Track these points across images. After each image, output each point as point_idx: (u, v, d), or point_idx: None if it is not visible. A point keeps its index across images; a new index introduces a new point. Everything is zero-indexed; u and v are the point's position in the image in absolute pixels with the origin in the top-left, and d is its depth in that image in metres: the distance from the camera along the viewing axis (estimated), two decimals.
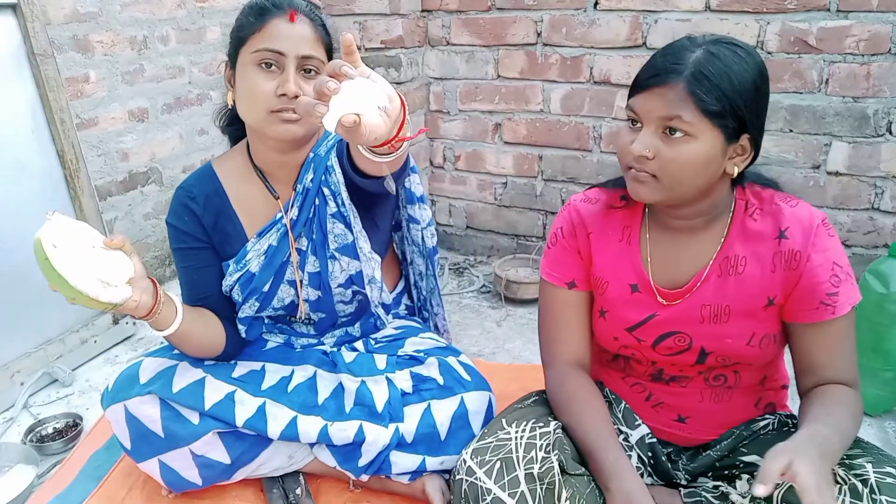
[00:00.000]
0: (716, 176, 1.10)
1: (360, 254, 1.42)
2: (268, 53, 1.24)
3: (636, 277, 1.22)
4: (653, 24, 2.39)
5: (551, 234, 1.31)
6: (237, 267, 1.43)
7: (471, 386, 1.46)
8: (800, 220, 1.13)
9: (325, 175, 1.38)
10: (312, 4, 1.34)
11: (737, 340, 1.17)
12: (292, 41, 1.24)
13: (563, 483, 1.07)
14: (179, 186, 1.44)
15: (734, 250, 1.16)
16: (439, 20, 2.73)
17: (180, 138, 2.88)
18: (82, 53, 2.42)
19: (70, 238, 1.13)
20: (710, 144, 1.05)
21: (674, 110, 1.03)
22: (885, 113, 2.19)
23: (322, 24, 1.30)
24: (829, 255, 1.12)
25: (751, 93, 1.04)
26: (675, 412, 1.28)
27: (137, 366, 1.44)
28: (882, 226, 2.31)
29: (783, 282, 1.14)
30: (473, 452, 1.13)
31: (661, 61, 1.07)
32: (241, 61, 1.28)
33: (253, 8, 1.28)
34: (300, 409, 1.43)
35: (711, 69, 1.02)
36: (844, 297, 1.11)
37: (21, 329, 2.06)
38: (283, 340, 1.59)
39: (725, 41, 1.06)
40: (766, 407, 1.28)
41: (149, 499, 1.52)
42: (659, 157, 1.07)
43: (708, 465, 1.24)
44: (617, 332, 1.25)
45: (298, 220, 1.41)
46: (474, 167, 2.91)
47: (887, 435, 1.74)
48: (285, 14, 1.25)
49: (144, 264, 1.29)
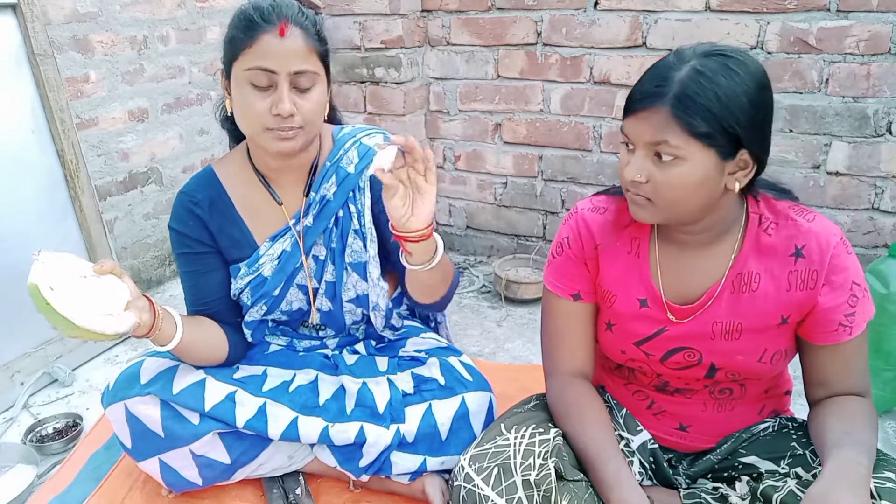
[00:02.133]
0: (716, 193, 1.05)
1: (370, 278, 1.44)
2: (259, 73, 1.21)
3: (645, 292, 1.19)
4: (653, 24, 2.39)
5: (556, 242, 1.27)
6: (249, 270, 1.42)
7: (472, 386, 1.46)
8: (817, 238, 1.08)
9: (354, 193, 1.40)
10: (308, 6, 1.32)
11: (748, 357, 1.14)
12: (284, 58, 1.21)
13: (559, 490, 1.07)
14: (181, 191, 1.43)
15: (748, 266, 1.13)
16: (439, 20, 2.73)
17: (180, 138, 2.88)
18: (82, 53, 2.42)
19: (62, 275, 1.13)
20: (702, 165, 1.01)
21: (660, 135, 1.00)
22: (885, 113, 2.19)
23: (315, 31, 1.27)
24: (849, 276, 1.08)
25: (744, 107, 0.99)
26: (677, 421, 1.27)
27: (139, 365, 1.44)
28: (882, 226, 2.31)
29: (799, 302, 1.10)
30: (472, 459, 1.13)
31: (647, 84, 1.03)
32: (235, 75, 1.25)
33: (242, 21, 1.24)
34: (301, 409, 1.43)
35: (696, 89, 0.98)
36: (861, 315, 1.10)
37: (21, 329, 2.06)
38: (286, 343, 1.59)
39: (716, 52, 1.01)
40: (770, 413, 1.27)
41: (149, 499, 1.53)
42: (652, 180, 1.04)
43: (707, 468, 1.24)
44: (624, 346, 1.22)
45: (313, 228, 1.41)
46: (474, 167, 2.91)
47: (887, 435, 1.74)
48: (275, 28, 1.20)
49: (145, 264, 1.28)
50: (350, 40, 2.67)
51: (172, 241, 1.44)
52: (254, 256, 1.42)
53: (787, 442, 1.19)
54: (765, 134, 1.04)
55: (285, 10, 1.23)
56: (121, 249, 2.61)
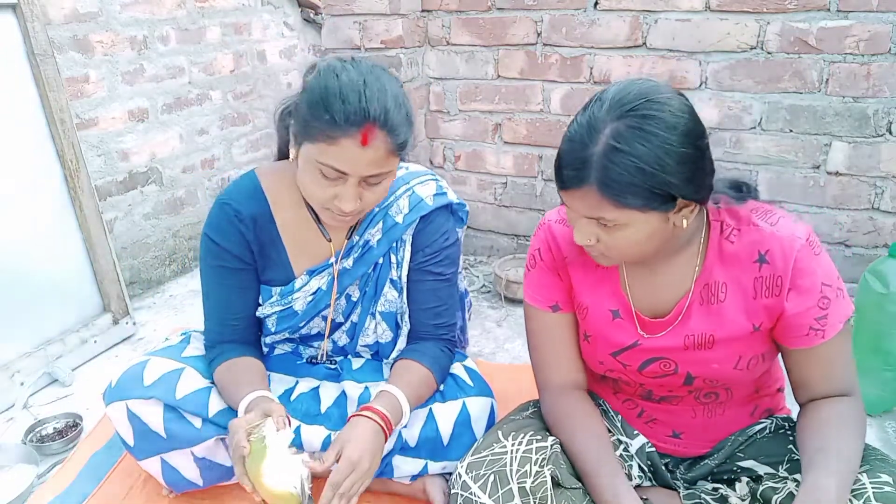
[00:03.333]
0: (668, 234, 1.04)
1: (400, 330, 1.45)
2: (331, 170, 1.14)
3: (617, 303, 1.18)
4: (653, 24, 2.39)
5: (529, 255, 1.26)
6: (281, 301, 1.41)
7: (472, 391, 1.45)
8: (780, 242, 1.05)
9: (397, 244, 1.39)
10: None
11: (723, 365, 1.13)
12: (360, 165, 1.13)
13: (556, 497, 1.07)
14: (224, 201, 1.35)
15: (714, 276, 1.11)
16: (439, 20, 2.73)
17: (180, 138, 2.88)
18: (82, 53, 2.42)
19: (292, 459, 1.17)
20: (645, 224, 1.00)
21: (595, 212, 1.00)
22: (885, 113, 2.19)
23: (405, 124, 1.16)
24: (816, 278, 1.05)
25: (670, 167, 0.95)
26: (669, 428, 1.26)
27: (143, 365, 1.39)
28: (882, 226, 2.31)
29: (767, 308, 1.08)
30: (469, 466, 1.13)
31: (568, 164, 0.99)
32: (306, 152, 1.17)
33: (323, 112, 1.11)
34: (303, 418, 1.42)
35: (618, 168, 0.94)
36: (835, 317, 1.06)
37: (21, 329, 2.06)
38: (291, 349, 1.59)
39: (632, 110, 0.95)
40: (763, 413, 1.26)
41: (149, 499, 1.53)
42: (601, 241, 1.04)
43: (706, 473, 1.23)
44: (602, 357, 1.22)
45: (351, 271, 1.40)
46: (474, 167, 2.91)
47: (887, 435, 1.74)
48: (358, 135, 1.10)
49: (145, 264, 1.28)
50: (350, 40, 2.67)
51: (206, 250, 1.36)
52: (289, 287, 1.40)
53: (784, 444, 1.19)
54: (699, 176, 1.00)
55: (374, 109, 1.11)
56: (121, 249, 2.61)
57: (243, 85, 3.17)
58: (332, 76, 1.14)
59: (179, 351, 1.45)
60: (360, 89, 1.11)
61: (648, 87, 0.98)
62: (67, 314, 2.20)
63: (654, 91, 0.97)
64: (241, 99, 3.18)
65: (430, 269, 1.42)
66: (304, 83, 1.19)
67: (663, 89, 0.98)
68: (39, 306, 2.09)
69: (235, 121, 3.16)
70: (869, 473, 1.01)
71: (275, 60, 3.36)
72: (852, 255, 2.37)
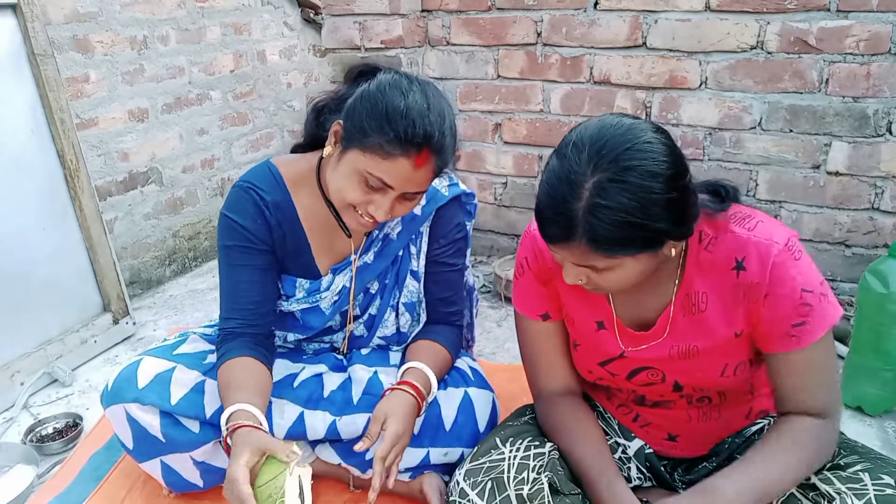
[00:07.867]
0: (657, 264, 1.04)
1: (420, 318, 1.47)
2: (377, 181, 1.16)
3: (602, 315, 1.18)
4: (653, 24, 2.39)
5: (517, 262, 1.26)
6: (308, 299, 1.41)
7: (473, 384, 1.46)
8: (757, 248, 1.03)
9: (416, 236, 1.41)
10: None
11: (709, 373, 1.13)
12: (407, 182, 1.16)
13: (554, 503, 1.07)
14: (244, 185, 1.33)
15: (694, 287, 1.10)
16: (439, 20, 2.73)
17: (180, 138, 2.88)
18: (82, 53, 2.42)
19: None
20: (635, 265, 1.00)
21: (585, 261, 1.00)
22: (885, 113, 2.19)
23: (452, 146, 1.20)
24: (795, 284, 1.02)
25: (656, 213, 0.94)
26: (665, 431, 1.26)
27: (136, 366, 1.39)
28: (882, 226, 2.31)
29: (746, 314, 1.08)
30: (466, 474, 1.13)
31: (551, 220, 0.98)
32: (352, 157, 1.17)
33: (387, 127, 1.12)
34: (306, 403, 1.42)
35: (605, 224, 0.93)
36: (816, 322, 1.03)
37: (21, 329, 2.05)
38: (294, 346, 1.58)
39: (613, 161, 0.93)
40: (759, 414, 1.26)
41: (149, 499, 1.52)
42: (592, 281, 1.04)
43: (704, 475, 1.23)
44: (590, 366, 1.22)
45: (372, 266, 1.41)
46: (474, 167, 2.91)
47: (887, 435, 1.74)
48: (414, 157, 1.13)
49: (145, 264, 1.27)
50: (350, 40, 2.67)
51: (227, 232, 1.33)
52: (315, 285, 1.40)
53: None
54: (687, 215, 0.99)
55: (434, 134, 1.14)
56: (121, 249, 2.61)
57: (243, 85, 3.17)
58: (399, 94, 1.15)
59: (172, 349, 1.45)
60: (424, 113, 1.14)
61: (625, 130, 0.96)
62: (67, 314, 2.20)
63: (633, 136, 0.95)
64: (241, 99, 3.18)
65: (444, 259, 1.45)
66: (359, 90, 1.19)
67: (641, 131, 0.96)
68: (39, 306, 2.09)
69: (235, 121, 3.16)
70: (870, 473, 1.01)
71: (275, 60, 3.36)
72: (852, 255, 2.37)
